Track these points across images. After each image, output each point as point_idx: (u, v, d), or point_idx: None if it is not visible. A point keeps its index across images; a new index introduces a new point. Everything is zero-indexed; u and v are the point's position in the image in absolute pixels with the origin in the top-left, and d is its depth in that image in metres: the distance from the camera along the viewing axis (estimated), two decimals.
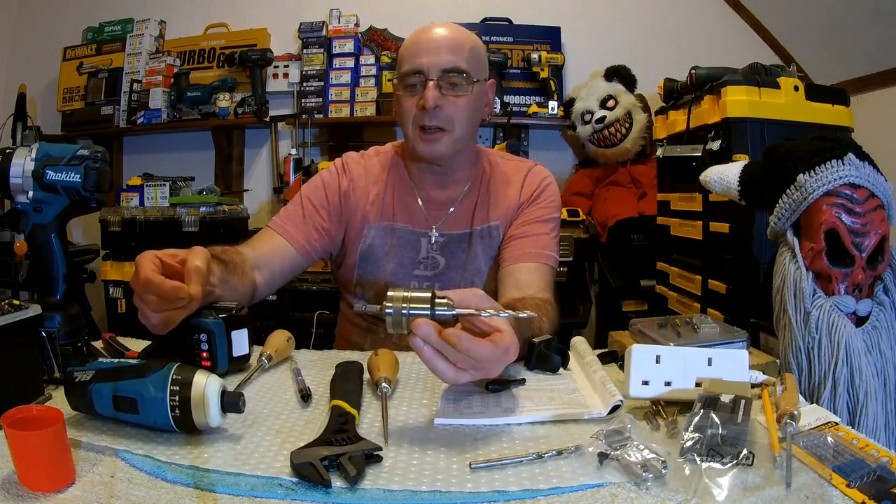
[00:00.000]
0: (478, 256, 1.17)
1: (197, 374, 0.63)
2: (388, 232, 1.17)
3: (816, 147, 0.89)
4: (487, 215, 1.18)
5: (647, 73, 2.63)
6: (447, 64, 1.07)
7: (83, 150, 0.83)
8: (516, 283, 1.09)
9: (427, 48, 1.08)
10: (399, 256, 1.17)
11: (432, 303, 0.66)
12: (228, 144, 3.02)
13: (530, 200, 1.19)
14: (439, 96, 1.06)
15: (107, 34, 3.03)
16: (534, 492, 0.55)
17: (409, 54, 1.10)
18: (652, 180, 2.37)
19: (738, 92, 1.67)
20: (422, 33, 1.11)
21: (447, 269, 1.17)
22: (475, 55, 1.12)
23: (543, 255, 1.13)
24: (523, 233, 1.16)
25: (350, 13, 2.91)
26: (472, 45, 1.12)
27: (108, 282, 2.59)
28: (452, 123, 1.09)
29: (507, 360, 0.70)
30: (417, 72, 1.07)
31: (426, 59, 1.07)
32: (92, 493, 0.53)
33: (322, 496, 0.54)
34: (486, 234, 1.18)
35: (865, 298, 0.86)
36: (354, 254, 1.18)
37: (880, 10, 2.13)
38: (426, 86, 1.06)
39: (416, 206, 1.18)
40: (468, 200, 1.19)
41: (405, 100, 1.10)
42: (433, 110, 1.06)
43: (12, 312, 0.69)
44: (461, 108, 1.09)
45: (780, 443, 0.61)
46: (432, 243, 1.17)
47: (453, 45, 1.09)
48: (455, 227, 1.18)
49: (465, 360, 0.65)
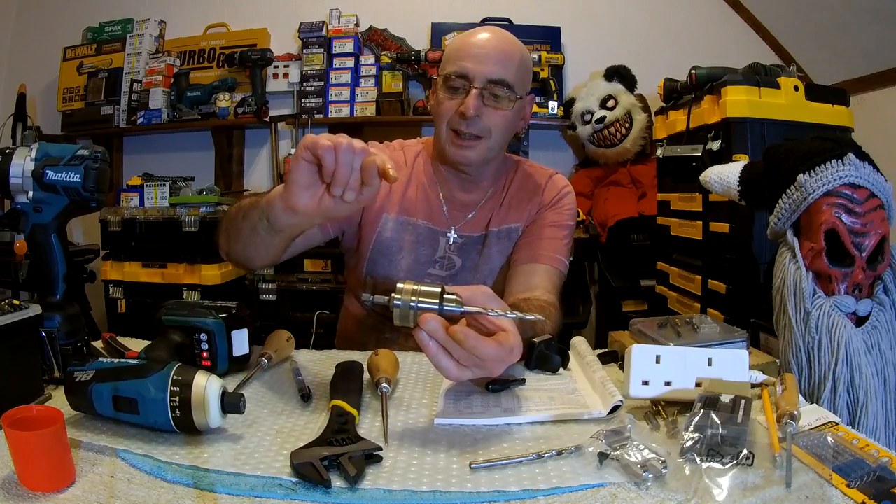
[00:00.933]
0: (492, 258, 1.17)
1: (197, 375, 0.63)
2: (405, 226, 1.16)
3: (816, 147, 0.89)
4: (507, 217, 1.18)
5: (647, 73, 2.62)
6: (494, 74, 1.05)
7: (83, 150, 0.83)
8: (525, 282, 1.09)
9: (476, 53, 1.06)
10: (415, 253, 1.16)
11: (441, 298, 0.67)
12: (228, 144, 3.02)
13: (550, 204, 1.19)
14: (480, 106, 1.05)
15: (107, 34, 3.03)
16: (534, 492, 0.55)
17: (456, 55, 1.08)
18: (652, 180, 2.37)
19: (738, 92, 1.67)
20: (473, 36, 1.09)
21: (462, 270, 1.17)
22: (523, 69, 1.10)
23: (554, 259, 1.13)
24: (538, 234, 1.16)
25: (350, 13, 2.90)
26: (521, 58, 1.09)
27: (108, 282, 2.59)
28: (490, 132, 1.08)
29: (511, 361, 0.70)
30: (462, 76, 1.05)
31: (473, 65, 1.05)
32: (92, 493, 0.53)
33: (322, 496, 0.54)
34: (504, 236, 1.18)
35: (865, 298, 0.86)
36: (368, 242, 1.16)
37: (880, 10, 2.13)
38: (469, 93, 1.04)
39: (437, 205, 1.18)
40: (490, 204, 1.19)
41: (445, 101, 1.08)
42: (472, 119, 1.05)
43: (12, 312, 0.69)
44: (499, 120, 1.08)
45: (780, 443, 0.61)
46: (450, 244, 1.17)
47: (503, 56, 1.07)
48: (473, 230, 1.18)
49: (470, 358, 0.66)
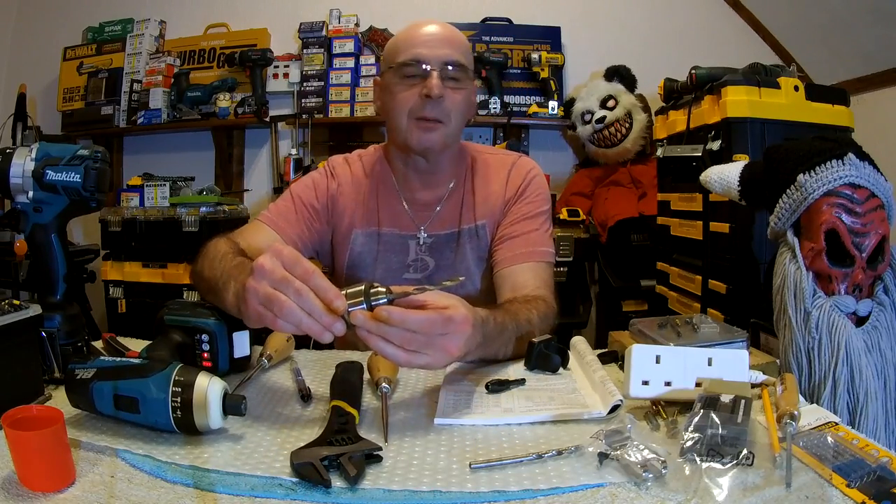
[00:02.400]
0: (466, 256, 1.16)
1: (199, 376, 0.63)
2: (373, 237, 1.16)
3: (816, 147, 0.89)
4: (474, 214, 1.17)
5: (647, 73, 2.62)
6: (448, 57, 1.06)
7: (83, 150, 0.83)
8: (512, 285, 1.08)
9: (426, 41, 1.07)
10: (386, 261, 1.16)
11: (366, 294, 0.67)
12: (228, 144, 3.02)
13: (516, 196, 1.17)
14: (442, 86, 1.05)
15: (107, 34, 3.03)
16: (534, 492, 0.55)
17: (405, 46, 1.08)
18: (652, 180, 2.37)
19: (738, 92, 1.67)
20: (417, 28, 1.10)
21: (437, 270, 1.16)
22: (469, 53, 1.13)
23: (536, 253, 1.12)
24: (512, 232, 1.14)
25: (350, 13, 2.90)
26: (466, 43, 1.13)
27: (108, 282, 2.59)
28: (449, 116, 1.08)
29: (462, 333, 0.70)
30: (418, 61, 1.06)
31: (426, 51, 1.06)
32: (92, 493, 0.53)
33: (322, 496, 0.54)
34: (473, 234, 1.16)
35: (865, 298, 0.86)
36: (342, 259, 1.17)
37: (880, 10, 2.13)
38: (430, 75, 1.05)
39: (400, 209, 1.17)
40: (454, 198, 1.18)
41: (401, 90, 1.07)
42: (436, 99, 1.05)
43: (12, 312, 0.69)
44: (458, 102, 1.09)
45: (780, 443, 0.60)
46: (420, 245, 1.16)
47: (451, 40, 1.09)
48: (443, 227, 1.17)
49: (409, 336, 0.66)
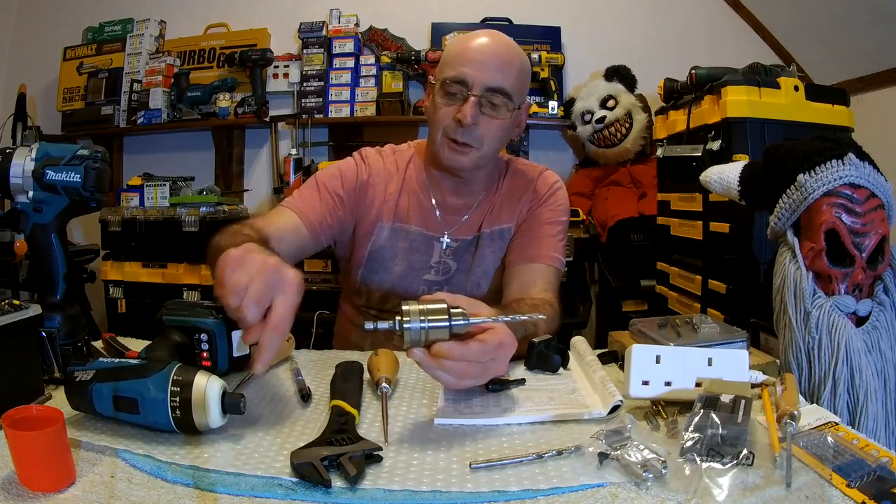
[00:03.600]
0: (485, 259, 1.17)
1: (198, 376, 0.63)
2: (399, 233, 1.16)
3: (816, 147, 0.89)
4: (499, 218, 1.17)
5: (647, 73, 2.62)
6: (492, 82, 1.03)
7: (83, 150, 0.83)
8: (520, 283, 1.09)
9: (475, 59, 1.03)
10: (409, 259, 1.16)
11: (449, 314, 0.67)
12: (228, 144, 3.02)
13: (540, 202, 1.18)
14: (477, 114, 1.03)
15: (107, 34, 3.02)
16: (534, 492, 0.55)
17: (455, 60, 1.05)
18: (652, 180, 2.37)
19: (738, 92, 1.67)
20: (472, 40, 1.06)
21: (457, 273, 1.17)
22: (522, 77, 1.08)
23: (548, 257, 1.13)
24: (530, 233, 1.16)
25: (350, 13, 2.90)
26: (520, 65, 1.08)
27: (108, 282, 2.59)
28: (482, 142, 1.06)
29: (505, 354, 0.72)
30: (461, 81, 1.03)
31: (472, 71, 1.03)
32: (92, 493, 0.53)
33: (322, 496, 0.54)
34: (497, 237, 1.17)
35: (865, 298, 0.86)
36: (363, 251, 1.16)
37: (880, 10, 2.13)
38: (467, 100, 1.02)
39: (430, 210, 1.17)
40: (482, 207, 1.18)
41: (442, 106, 1.06)
42: (468, 127, 1.03)
43: (12, 312, 0.69)
44: (495, 129, 1.06)
45: (780, 443, 0.61)
46: (444, 249, 1.17)
47: (502, 63, 1.04)
48: (467, 233, 1.18)
49: (466, 367, 0.68)
